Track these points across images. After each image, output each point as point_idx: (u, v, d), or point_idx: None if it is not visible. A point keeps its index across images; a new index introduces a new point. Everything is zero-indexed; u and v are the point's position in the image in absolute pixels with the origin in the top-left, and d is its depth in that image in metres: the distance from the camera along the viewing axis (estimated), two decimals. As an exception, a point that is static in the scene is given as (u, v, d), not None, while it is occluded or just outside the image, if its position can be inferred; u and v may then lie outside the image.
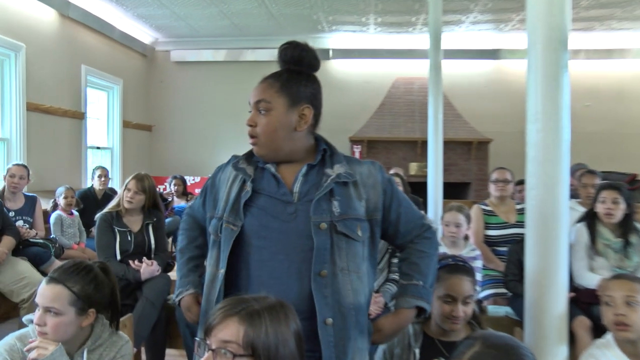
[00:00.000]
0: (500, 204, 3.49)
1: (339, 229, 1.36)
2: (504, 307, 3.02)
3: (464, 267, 1.79)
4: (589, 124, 7.63)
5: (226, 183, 1.47)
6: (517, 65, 7.71)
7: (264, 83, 1.44)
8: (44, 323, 1.50)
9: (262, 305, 1.08)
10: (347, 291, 1.35)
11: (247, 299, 1.10)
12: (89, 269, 1.62)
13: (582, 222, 2.89)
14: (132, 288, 2.96)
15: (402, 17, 6.87)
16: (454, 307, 1.70)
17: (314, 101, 1.45)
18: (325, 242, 1.35)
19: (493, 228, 3.43)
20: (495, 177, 3.50)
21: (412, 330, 1.76)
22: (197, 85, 8.10)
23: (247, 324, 1.04)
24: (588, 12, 6.52)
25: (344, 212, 1.38)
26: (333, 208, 1.37)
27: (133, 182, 3.10)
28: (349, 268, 1.37)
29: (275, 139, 1.41)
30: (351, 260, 1.38)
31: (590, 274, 2.76)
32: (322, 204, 1.37)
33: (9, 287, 3.22)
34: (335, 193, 1.39)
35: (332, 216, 1.36)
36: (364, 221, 1.41)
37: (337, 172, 1.41)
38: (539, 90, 1.69)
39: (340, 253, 1.36)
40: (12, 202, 3.87)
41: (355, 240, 1.39)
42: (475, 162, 7.49)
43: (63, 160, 5.98)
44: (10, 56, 5.14)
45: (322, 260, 1.34)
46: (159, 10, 6.62)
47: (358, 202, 1.41)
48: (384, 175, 1.48)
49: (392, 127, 7.68)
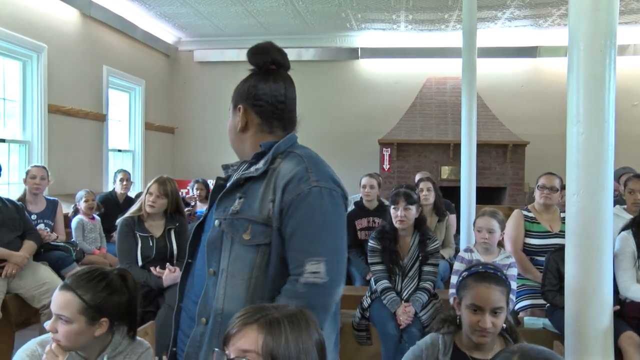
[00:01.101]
0: (544, 211, 3.33)
1: (223, 227, 1.31)
2: (541, 319, 2.93)
3: (493, 275, 1.69)
4: (636, 125, 7.37)
5: None
6: (556, 64, 7.51)
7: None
8: (55, 330, 1.50)
9: (282, 314, 1.04)
10: (220, 295, 1.29)
11: (267, 307, 1.07)
12: (103, 276, 1.58)
13: (627, 229, 2.78)
14: (154, 295, 2.97)
15: (435, 14, 6.72)
16: (482, 317, 1.61)
17: (249, 99, 1.38)
18: (215, 239, 1.32)
19: (535, 237, 3.27)
20: (542, 183, 3.33)
21: (441, 343, 1.70)
22: (221, 86, 7.96)
23: (266, 333, 1.01)
24: (639, 3, 6.12)
25: (240, 210, 1.30)
26: (232, 206, 1.32)
27: (155, 185, 3.12)
28: (228, 271, 1.29)
29: (230, 140, 1.46)
30: (232, 264, 1.29)
31: (637, 285, 2.66)
32: (225, 201, 1.34)
33: (30, 292, 3.21)
34: (242, 191, 1.33)
35: (225, 214, 1.32)
36: (259, 224, 1.28)
37: (255, 167, 1.33)
38: (581, 90, 1.63)
39: (224, 254, 1.31)
40: (33, 205, 3.89)
41: (240, 243, 1.29)
42: (510, 166, 7.30)
43: (84, 163, 5.95)
44: (32, 57, 5.14)
45: (210, 257, 1.32)
46: (182, 8, 6.56)
47: (261, 204, 1.29)
48: (296, 181, 1.27)
49: (423, 130, 7.52)
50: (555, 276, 2.74)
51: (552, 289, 2.75)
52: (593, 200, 1.63)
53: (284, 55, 1.40)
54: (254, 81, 1.38)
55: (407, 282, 2.85)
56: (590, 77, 1.62)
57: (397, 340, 2.67)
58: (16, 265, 3.17)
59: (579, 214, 1.66)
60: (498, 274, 1.70)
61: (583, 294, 1.65)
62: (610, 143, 1.64)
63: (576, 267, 1.67)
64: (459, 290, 1.71)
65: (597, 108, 1.62)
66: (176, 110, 8.25)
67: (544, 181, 3.32)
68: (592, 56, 1.61)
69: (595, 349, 1.65)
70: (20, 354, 1.52)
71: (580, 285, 1.66)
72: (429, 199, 4.08)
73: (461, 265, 2.80)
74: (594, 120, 1.62)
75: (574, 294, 1.69)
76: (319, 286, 1.22)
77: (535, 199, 3.37)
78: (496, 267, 1.77)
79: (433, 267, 2.87)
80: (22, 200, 3.82)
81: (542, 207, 3.32)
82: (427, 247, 2.87)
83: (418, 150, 7.37)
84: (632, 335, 2.44)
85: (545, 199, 3.27)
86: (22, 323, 3.28)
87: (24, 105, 5.10)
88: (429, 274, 2.85)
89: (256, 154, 1.36)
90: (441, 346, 1.70)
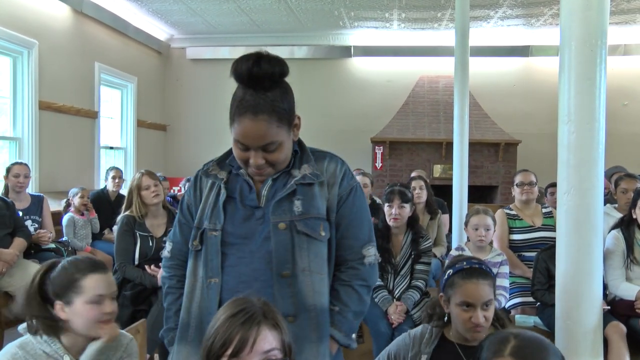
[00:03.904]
0: (525, 207, 3.41)
1: (299, 228, 1.34)
2: (532, 317, 2.93)
3: (479, 270, 1.70)
4: (626, 125, 7.39)
5: (204, 192, 1.46)
6: (548, 63, 7.53)
7: (259, 122, 1.29)
8: (113, 311, 1.56)
9: (263, 304, 1.08)
10: (309, 292, 1.34)
11: (243, 303, 1.07)
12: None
13: (617, 228, 2.80)
14: (147, 293, 2.95)
15: (427, 12, 6.72)
16: (473, 313, 1.62)
17: (294, 105, 1.38)
18: (285, 242, 1.34)
19: (518, 232, 3.33)
20: (520, 180, 3.41)
21: (428, 333, 1.73)
22: (213, 84, 7.96)
23: (270, 326, 1.05)
24: (629, 4, 6.17)
25: (305, 211, 1.36)
26: (294, 208, 1.36)
27: (146, 178, 3.08)
28: (310, 268, 1.35)
29: (286, 161, 1.40)
30: (313, 261, 1.36)
31: (626, 284, 2.68)
32: (283, 205, 1.36)
33: (19, 290, 3.15)
34: (298, 193, 1.37)
35: (292, 216, 1.35)
36: (325, 220, 1.39)
37: (302, 173, 1.39)
38: (572, 90, 1.63)
39: (301, 253, 1.35)
40: (18, 202, 3.86)
41: (317, 240, 1.37)
42: (502, 165, 7.32)
43: (75, 160, 5.90)
44: (22, 53, 5.08)
45: (282, 260, 1.33)
46: (175, 5, 6.52)
47: (321, 201, 1.39)
48: (347, 179, 1.44)
49: (415, 128, 7.51)
50: (545, 275, 2.76)
51: (541, 288, 2.76)
52: (584, 199, 1.63)
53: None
54: (282, 86, 1.33)
55: (399, 281, 2.85)
56: (581, 77, 1.61)
57: (389, 339, 2.67)
58: (6, 263, 3.14)
59: (569, 212, 1.65)
60: (483, 267, 1.71)
61: (573, 292, 1.65)
62: (601, 142, 1.63)
63: (567, 266, 1.67)
64: (446, 288, 1.71)
65: (588, 107, 1.61)
66: (168, 107, 8.20)
67: (521, 178, 3.39)
68: (583, 56, 1.60)
69: (585, 347, 1.65)
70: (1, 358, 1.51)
71: (570, 284, 1.66)
72: (422, 197, 4.09)
73: None
74: (585, 119, 1.61)
75: (564, 292, 1.69)
76: (375, 266, 1.47)
77: (515, 197, 3.44)
78: (480, 260, 1.78)
79: (425, 266, 2.88)
80: (5, 196, 3.74)
81: (523, 204, 3.38)
82: (420, 245, 2.88)
83: (410, 149, 7.37)
84: (619, 324, 2.48)
85: (528, 195, 3.33)
86: (11, 322, 3.22)
87: (14, 102, 5.04)
88: (421, 273, 2.86)
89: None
90: (427, 336, 1.72)
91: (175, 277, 1.51)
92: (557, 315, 1.70)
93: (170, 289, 1.51)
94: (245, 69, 1.26)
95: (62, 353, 1.52)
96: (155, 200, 3.05)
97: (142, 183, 3.04)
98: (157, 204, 3.07)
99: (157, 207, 3.10)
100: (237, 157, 1.36)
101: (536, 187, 3.40)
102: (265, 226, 1.36)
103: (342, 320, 1.41)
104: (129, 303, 2.91)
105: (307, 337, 1.34)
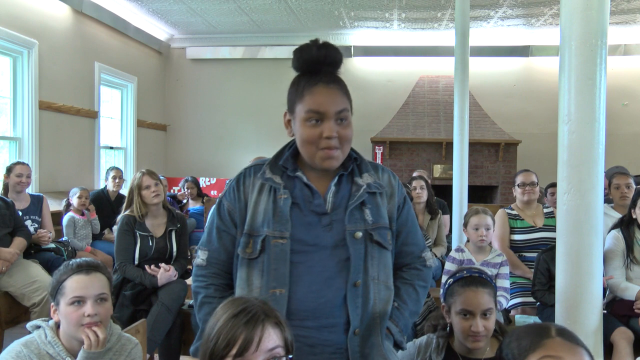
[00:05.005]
0: (526, 207, 3.39)
1: (374, 238, 1.35)
2: (532, 317, 2.92)
3: (479, 278, 1.70)
4: (626, 125, 7.39)
5: (250, 196, 1.38)
6: (548, 63, 7.54)
7: (333, 89, 1.32)
8: (95, 313, 1.52)
9: (263, 303, 1.08)
10: (376, 300, 1.35)
11: (243, 302, 1.07)
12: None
13: (617, 228, 2.79)
14: (148, 293, 2.95)
15: (428, 12, 6.72)
16: (473, 321, 1.62)
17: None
18: (360, 251, 1.33)
19: (519, 232, 3.32)
20: (521, 180, 3.38)
21: (434, 344, 1.71)
22: (213, 84, 7.97)
23: (272, 324, 1.04)
24: (629, 4, 6.17)
25: (375, 220, 1.36)
26: (366, 217, 1.35)
27: (146, 177, 3.06)
28: (379, 277, 1.36)
29: (348, 149, 1.37)
30: (382, 270, 1.37)
31: (626, 283, 2.67)
32: (355, 213, 1.35)
33: (20, 290, 3.18)
34: (366, 202, 1.37)
35: (366, 225, 1.35)
36: (390, 230, 1.41)
37: (366, 181, 1.39)
38: (572, 90, 1.63)
39: (372, 262, 1.35)
40: (17, 202, 3.80)
41: (386, 250, 1.38)
42: (502, 165, 7.32)
43: (75, 160, 5.90)
44: (22, 53, 5.09)
45: (357, 269, 1.33)
46: (175, 5, 6.52)
47: (384, 211, 1.41)
48: (401, 189, 1.48)
49: (415, 128, 7.51)
50: (546, 276, 2.74)
51: (541, 289, 2.76)
52: (584, 199, 1.62)
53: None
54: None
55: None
56: (582, 77, 1.60)
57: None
58: (6, 262, 3.13)
59: (569, 212, 1.64)
60: (483, 277, 1.71)
61: (573, 292, 1.64)
62: (601, 142, 1.62)
63: (567, 266, 1.66)
64: (447, 297, 1.71)
65: (588, 107, 1.60)
66: (168, 107, 8.19)
67: (522, 179, 3.37)
68: (583, 55, 1.60)
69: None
70: (5, 356, 1.50)
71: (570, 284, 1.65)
72: (422, 197, 4.09)
73: (452, 266, 2.79)
74: (585, 119, 1.60)
75: (564, 293, 1.67)
76: (432, 268, 1.52)
77: (516, 197, 3.41)
78: (480, 270, 1.77)
79: (425, 266, 2.87)
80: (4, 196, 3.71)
81: (525, 204, 3.37)
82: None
83: (410, 149, 7.37)
84: (627, 331, 2.46)
85: (529, 195, 3.32)
86: (11, 321, 3.22)
87: (14, 102, 5.05)
88: None
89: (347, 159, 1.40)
90: (434, 345, 1.71)
91: (212, 285, 1.39)
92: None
93: (208, 298, 1.38)
94: (315, 53, 1.33)
95: (65, 355, 1.52)
96: (156, 200, 3.04)
97: (143, 183, 3.03)
98: (157, 203, 3.06)
99: (158, 207, 3.09)
100: (307, 136, 1.30)
101: (537, 187, 3.38)
102: (334, 234, 1.32)
103: (399, 316, 1.42)
104: (129, 303, 2.91)
105: (372, 343, 1.34)
